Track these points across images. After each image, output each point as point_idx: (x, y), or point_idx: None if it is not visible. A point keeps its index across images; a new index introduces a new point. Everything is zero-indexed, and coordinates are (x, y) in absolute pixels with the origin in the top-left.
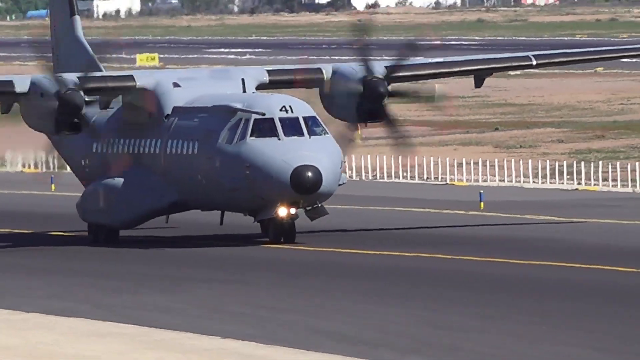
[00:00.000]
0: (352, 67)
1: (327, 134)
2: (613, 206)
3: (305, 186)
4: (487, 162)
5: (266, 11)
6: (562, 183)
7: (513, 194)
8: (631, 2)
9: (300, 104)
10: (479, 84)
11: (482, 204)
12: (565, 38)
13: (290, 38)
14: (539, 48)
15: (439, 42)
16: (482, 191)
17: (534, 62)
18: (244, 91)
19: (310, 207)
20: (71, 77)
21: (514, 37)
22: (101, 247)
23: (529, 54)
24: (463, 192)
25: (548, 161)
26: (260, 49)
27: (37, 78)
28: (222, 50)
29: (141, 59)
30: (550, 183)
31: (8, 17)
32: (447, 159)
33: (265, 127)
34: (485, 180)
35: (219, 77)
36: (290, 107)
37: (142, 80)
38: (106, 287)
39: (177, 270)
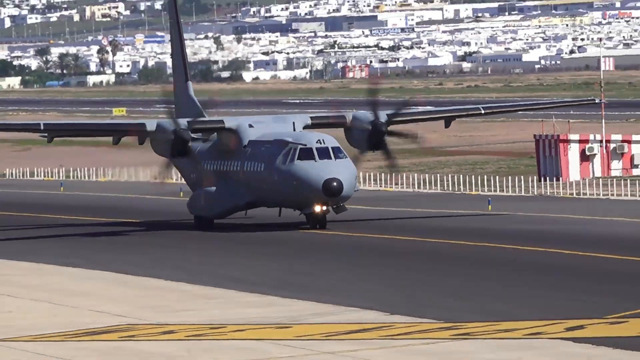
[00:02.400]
0: (365, 114)
1: (347, 157)
2: (402, 200)
3: (332, 192)
4: None
5: (192, 80)
6: (371, 186)
7: None
8: (414, 76)
9: (329, 138)
10: (447, 125)
11: None
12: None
13: (205, 98)
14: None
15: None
16: None
17: (483, 111)
18: (294, 130)
19: (335, 206)
20: (182, 121)
21: (347, 98)
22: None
23: (480, 106)
24: None
25: (362, 172)
26: None
27: (160, 121)
28: (161, 108)
29: (115, 111)
30: (366, 186)
31: (34, 85)
32: None
33: (306, 153)
34: None
35: (278, 121)
36: (323, 140)
37: (229, 123)
38: (100, 249)
39: (158, 239)
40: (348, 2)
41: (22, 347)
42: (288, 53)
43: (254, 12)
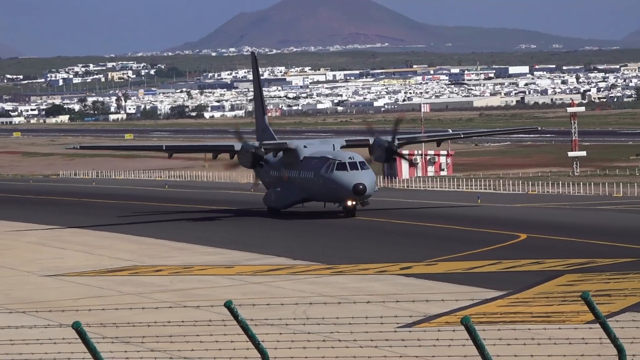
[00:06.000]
0: (384, 138)
1: (369, 168)
2: None
3: (359, 192)
4: None
5: (173, 117)
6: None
7: None
8: (308, 115)
9: (357, 155)
10: (439, 145)
11: None
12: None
13: (185, 128)
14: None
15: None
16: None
17: (462, 135)
18: (334, 149)
19: (362, 201)
20: (257, 143)
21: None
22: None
23: (460, 131)
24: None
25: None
26: (172, 134)
27: (243, 144)
28: (154, 134)
29: (126, 135)
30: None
31: (77, 120)
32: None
33: (341, 166)
34: None
35: (324, 143)
36: (352, 157)
37: (291, 144)
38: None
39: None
40: (268, 69)
41: (69, 279)
42: (231, 101)
43: (210, 76)
